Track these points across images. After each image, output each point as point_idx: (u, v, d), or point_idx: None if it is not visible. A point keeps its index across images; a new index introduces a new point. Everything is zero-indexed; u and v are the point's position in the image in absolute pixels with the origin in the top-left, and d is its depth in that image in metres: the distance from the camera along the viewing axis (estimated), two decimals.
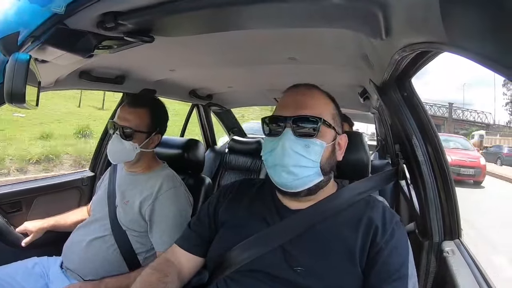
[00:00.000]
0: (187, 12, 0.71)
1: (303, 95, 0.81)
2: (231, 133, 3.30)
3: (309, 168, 0.76)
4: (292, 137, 0.75)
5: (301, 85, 0.85)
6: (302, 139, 0.75)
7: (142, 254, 1.21)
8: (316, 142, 0.76)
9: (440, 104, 25.42)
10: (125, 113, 1.23)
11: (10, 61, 0.64)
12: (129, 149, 1.21)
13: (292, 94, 0.83)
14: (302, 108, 0.77)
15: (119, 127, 1.20)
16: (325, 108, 0.81)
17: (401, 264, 0.71)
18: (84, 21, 0.75)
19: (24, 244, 1.31)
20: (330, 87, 1.87)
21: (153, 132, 1.27)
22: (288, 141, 0.75)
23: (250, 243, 0.78)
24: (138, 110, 1.24)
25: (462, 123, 24.81)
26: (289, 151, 0.74)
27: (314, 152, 0.76)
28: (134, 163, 1.27)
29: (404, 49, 0.65)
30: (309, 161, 0.75)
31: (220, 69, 1.61)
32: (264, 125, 0.81)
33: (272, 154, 0.77)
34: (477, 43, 0.38)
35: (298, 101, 0.79)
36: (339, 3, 0.61)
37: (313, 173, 0.76)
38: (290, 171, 0.74)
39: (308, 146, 0.75)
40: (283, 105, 0.81)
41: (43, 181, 1.62)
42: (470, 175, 9.32)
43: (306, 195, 0.79)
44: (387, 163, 2.33)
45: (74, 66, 1.08)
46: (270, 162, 0.78)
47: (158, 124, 1.29)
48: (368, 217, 0.76)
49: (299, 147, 0.75)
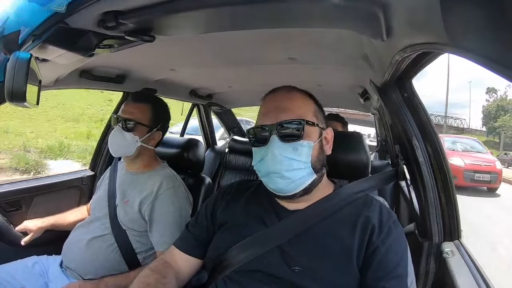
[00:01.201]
0: (188, 11, 0.71)
1: (281, 100, 0.82)
2: (231, 133, 3.30)
3: (301, 169, 0.77)
4: (279, 143, 0.76)
5: (278, 89, 0.86)
6: (289, 143, 0.76)
7: (141, 254, 1.21)
8: (303, 143, 0.77)
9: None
10: (129, 107, 1.27)
11: (11, 59, 0.64)
12: (130, 141, 1.23)
13: (270, 100, 0.84)
14: (283, 113, 0.78)
15: (121, 120, 1.23)
16: (305, 107, 0.82)
17: (398, 263, 0.71)
18: (85, 20, 0.75)
19: (24, 243, 1.31)
20: (330, 88, 1.87)
21: (155, 128, 1.29)
22: (276, 148, 0.76)
23: (248, 243, 0.78)
24: (142, 105, 1.28)
25: (440, 127, 26.89)
26: (279, 157, 0.75)
27: (304, 153, 0.77)
28: (134, 158, 1.28)
29: (405, 50, 0.65)
30: (300, 162, 0.76)
31: (221, 69, 1.61)
32: (250, 136, 0.82)
33: (263, 163, 0.78)
34: (478, 44, 0.38)
35: (278, 106, 0.80)
36: (339, 3, 0.61)
37: (306, 174, 0.78)
38: (284, 176, 0.75)
39: (296, 149, 0.76)
40: (264, 112, 0.82)
41: (43, 180, 1.62)
42: (486, 181, 8.26)
43: (302, 195, 0.79)
44: (387, 163, 2.33)
45: (75, 65, 1.08)
46: (263, 171, 0.79)
47: (160, 121, 1.32)
48: (365, 217, 0.77)
49: (288, 151, 0.76)
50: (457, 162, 8.21)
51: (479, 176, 8.18)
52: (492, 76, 0.98)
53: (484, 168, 8.25)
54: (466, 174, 8.09)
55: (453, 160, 8.07)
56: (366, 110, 2.75)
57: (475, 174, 8.15)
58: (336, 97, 2.34)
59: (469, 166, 8.21)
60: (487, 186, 8.36)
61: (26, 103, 0.67)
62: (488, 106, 35.47)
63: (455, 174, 7.38)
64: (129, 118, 1.23)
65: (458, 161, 8.30)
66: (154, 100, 1.34)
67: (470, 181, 8.09)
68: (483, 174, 8.19)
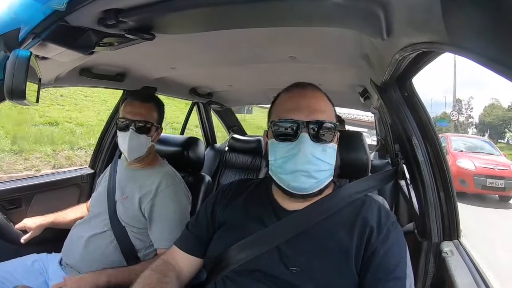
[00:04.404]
0: (188, 10, 0.71)
1: (312, 98, 0.80)
2: (231, 132, 3.30)
3: (326, 171, 0.77)
4: (310, 142, 0.74)
5: (304, 84, 0.84)
6: (319, 144, 0.75)
7: (141, 251, 1.21)
8: (331, 145, 0.77)
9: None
10: (136, 108, 1.25)
11: (10, 57, 0.64)
12: (144, 143, 1.24)
13: (299, 95, 0.81)
14: (317, 112, 0.77)
15: (132, 122, 1.22)
16: (331, 110, 0.82)
17: (397, 264, 0.71)
18: (85, 18, 0.75)
19: (23, 241, 1.31)
20: (330, 86, 1.87)
21: (159, 126, 1.32)
22: (308, 146, 0.74)
23: (247, 243, 0.78)
24: (149, 105, 1.28)
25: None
26: (310, 157, 0.74)
27: (330, 156, 0.77)
28: (143, 157, 1.28)
29: (405, 49, 0.65)
30: (327, 164, 0.76)
31: (221, 67, 1.61)
32: (274, 128, 0.78)
33: (290, 160, 0.75)
34: (479, 44, 0.38)
35: (310, 104, 0.78)
36: (340, 2, 0.61)
37: (329, 175, 0.78)
38: (312, 175, 0.75)
39: (325, 151, 0.76)
40: (293, 107, 0.79)
41: (43, 178, 1.62)
42: (499, 188, 6.80)
43: (315, 195, 0.79)
44: (387, 163, 2.33)
45: (75, 63, 1.08)
46: (287, 168, 0.76)
47: (162, 118, 1.34)
48: (363, 218, 0.76)
49: (318, 152, 0.75)
50: (466, 165, 7.08)
51: (492, 182, 6.80)
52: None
53: (498, 173, 6.89)
54: (477, 179, 6.82)
55: (461, 163, 7.17)
56: (366, 109, 2.76)
57: (488, 179, 6.80)
58: (336, 96, 2.33)
59: (481, 170, 6.92)
60: (501, 194, 6.98)
61: (25, 101, 0.67)
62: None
63: (464, 179, 6.78)
64: (140, 120, 1.23)
65: (468, 164, 7.13)
66: (156, 99, 1.36)
67: (482, 187, 6.80)
68: (496, 180, 6.80)
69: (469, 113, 38.22)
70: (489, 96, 73.31)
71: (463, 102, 38.64)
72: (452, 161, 7.21)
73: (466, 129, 33.36)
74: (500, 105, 34.17)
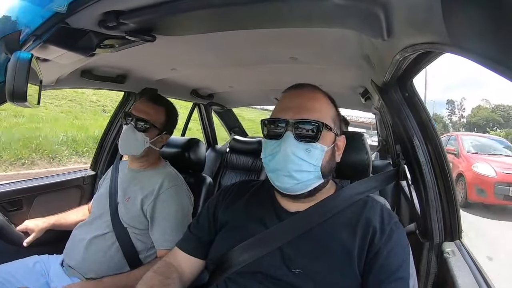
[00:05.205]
0: (189, 11, 0.71)
1: (304, 98, 0.80)
2: (232, 133, 3.30)
3: (310, 172, 0.75)
4: (293, 141, 0.74)
5: (303, 85, 0.84)
6: (303, 143, 0.74)
7: (143, 253, 1.21)
8: (317, 146, 0.75)
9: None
10: (145, 106, 1.26)
11: (12, 59, 0.64)
12: (140, 141, 1.23)
13: (293, 95, 0.82)
14: (304, 111, 0.76)
15: (134, 118, 1.23)
16: (326, 110, 0.80)
17: (400, 265, 0.71)
18: (86, 20, 0.75)
19: (26, 244, 1.32)
20: (331, 87, 1.87)
21: (164, 131, 1.30)
22: (289, 145, 0.74)
23: (249, 244, 0.78)
24: (158, 107, 1.28)
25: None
26: (291, 157, 0.73)
27: (315, 157, 0.75)
28: (140, 157, 1.28)
29: (406, 50, 0.65)
30: (310, 165, 0.75)
31: (222, 69, 1.61)
32: (264, 127, 0.80)
33: (273, 159, 0.76)
34: (479, 44, 0.38)
35: (300, 103, 0.78)
36: (340, 3, 0.61)
37: (314, 177, 0.76)
38: (292, 175, 0.74)
39: (309, 151, 0.75)
40: (284, 107, 0.80)
41: (44, 180, 1.62)
42: None
43: (305, 197, 0.78)
44: (388, 163, 2.33)
45: (76, 65, 1.09)
46: (271, 166, 0.77)
47: (170, 126, 1.34)
48: (366, 219, 0.76)
49: (301, 151, 0.74)
50: (485, 171, 5.79)
51: None
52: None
53: None
54: (498, 188, 5.54)
55: (478, 168, 5.90)
56: (367, 110, 2.75)
57: (510, 188, 5.50)
58: (337, 96, 2.32)
59: (503, 177, 5.61)
60: None
61: (27, 103, 0.67)
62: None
63: (483, 188, 5.59)
64: (143, 118, 1.24)
65: (487, 169, 5.80)
66: (168, 104, 1.35)
67: (504, 198, 5.53)
68: None
69: (462, 113, 38.64)
70: (479, 97, 73.86)
71: (456, 103, 39.31)
72: (466, 165, 6.13)
73: (458, 129, 33.76)
74: (485, 107, 35.36)
